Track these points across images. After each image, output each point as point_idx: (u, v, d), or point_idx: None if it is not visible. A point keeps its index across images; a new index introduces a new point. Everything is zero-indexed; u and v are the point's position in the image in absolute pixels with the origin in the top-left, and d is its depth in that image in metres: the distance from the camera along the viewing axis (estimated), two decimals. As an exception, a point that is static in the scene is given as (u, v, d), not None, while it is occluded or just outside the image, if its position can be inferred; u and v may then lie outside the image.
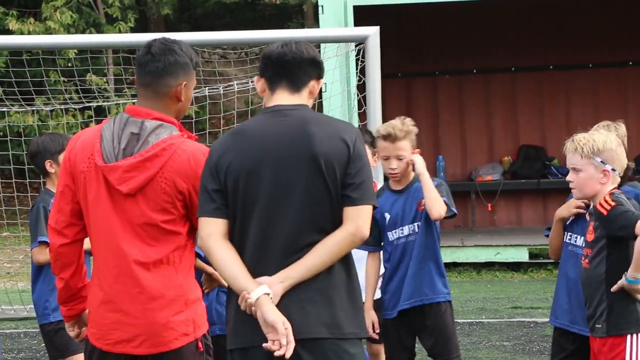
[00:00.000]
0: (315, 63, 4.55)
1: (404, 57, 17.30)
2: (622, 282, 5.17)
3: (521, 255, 15.45)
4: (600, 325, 5.28)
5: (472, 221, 17.35)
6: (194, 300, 4.81)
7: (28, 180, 13.93)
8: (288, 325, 4.12)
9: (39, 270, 6.98)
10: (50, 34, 20.94)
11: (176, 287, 4.71)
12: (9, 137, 15.55)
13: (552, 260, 14.91)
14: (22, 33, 21.28)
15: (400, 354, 6.58)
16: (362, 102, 11.63)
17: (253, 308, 4.16)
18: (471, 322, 11.50)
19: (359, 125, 11.66)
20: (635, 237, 5.08)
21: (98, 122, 18.40)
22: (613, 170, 5.37)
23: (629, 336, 5.20)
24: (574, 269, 5.97)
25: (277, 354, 4.09)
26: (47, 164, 7.00)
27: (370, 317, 6.25)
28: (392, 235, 6.53)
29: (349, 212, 4.28)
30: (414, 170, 6.66)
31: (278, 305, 4.17)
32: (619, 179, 5.46)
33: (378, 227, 6.45)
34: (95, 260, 4.87)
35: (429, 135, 17.19)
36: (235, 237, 4.40)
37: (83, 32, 22.27)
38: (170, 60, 4.73)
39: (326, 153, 4.28)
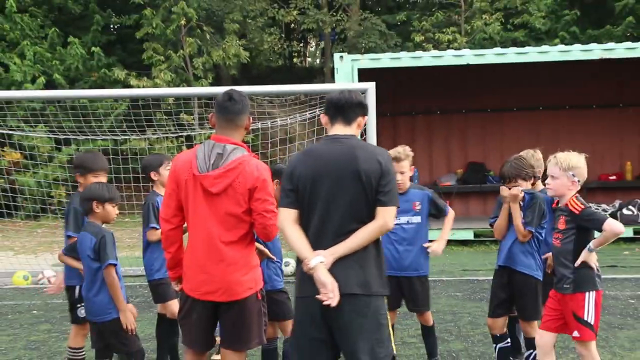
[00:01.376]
0: (361, 105, 4.65)
1: (391, 102, 17.52)
2: (585, 252, 5.26)
3: (468, 235, 15.80)
4: (568, 286, 5.33)
5: (436, 213, 17.64)
6: (254, 266, 5.03)
7: (142, 184, 13.61)
8: (335, 284, 4.24)
9: (147, 245, 6.90)
10: (157, 87, 21.29)
11: (244, 258, 4.93)
12: (129, 156, 16.01)
13: (489, 238, 15.32)
14: (138, 87, 21.49)
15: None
16: (363, 133, 12.48)
17: (311, 271, 4.30)
18: (435, 280, 11.30)
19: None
20: (600, 230, 5.20)
21: (188, 146, 18.82)
22: (578, 181, 5.46)
23: (587, 293, 5.30)
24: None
25: (325, 303, 4.21)
26: (152, 174, 7.02)
27: None
28: None
29: (380, 210, 4.40)
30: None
31: (329, 270, 4.29)
32: (579, 187, 5.49)
33: None
34: (190, 239, 4.99)
35: (408, 155, 17.45)
36: (303, 223, 4.50)
37: (178, 86, 22.39)
38: (245, 103, 5.00)
39: (366, 169, 4.38)
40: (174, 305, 6.79)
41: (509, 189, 6.27)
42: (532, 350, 6.13)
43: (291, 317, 5.98)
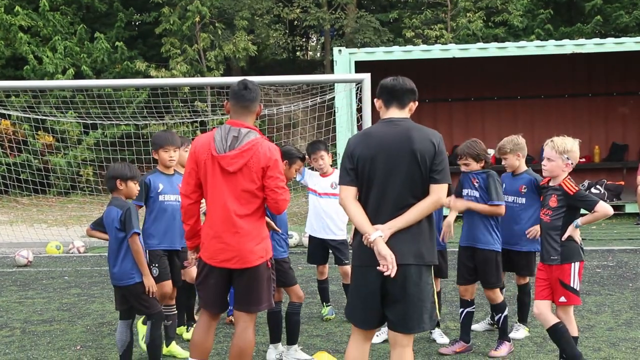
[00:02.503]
0: (413, 91, 4.52)
1: None
2: (572, 227, 5.32)
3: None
4: (556, 257, 5.38)
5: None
6: (265, 237, 5.03)
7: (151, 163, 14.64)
8: (393, 256, 4.17)
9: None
10: (174, 77, 21.20)
11: (256, 229, 4.94)
12: (149, 139, 15.03)
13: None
14: (157, 77, 21.39)
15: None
16: (359, 119, 12.51)
17: (371, 244, 4.23)
18: None
19: (358, 133, 11.98)
20: (592, 211, 5.29)
21: (202, 131, 19.14)
22: (572, 164, 5.46)
23: (572, 263, 5.37)
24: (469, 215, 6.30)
25: (386, 274, 4.17)
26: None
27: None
28: None
29: (434, 187, 4.31)
30: None
31: (387, 243, 4.22)
32: (571, 169, 5.50)
33: None
34: (209, 213, 4.98)
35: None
36: (362, 199, 4.43)
37: (193, 76, 22.42)
38: (257, 92, 4.99)
39: (421, 149, 4.29)
40: (193, 271, 6.70)
41: (460, 166, 6.38)
42: (500, 314, 6.24)
43: (294, 283, 6.16)
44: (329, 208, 7.31)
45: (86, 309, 8.34)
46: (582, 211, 5.57)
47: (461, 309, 6.42)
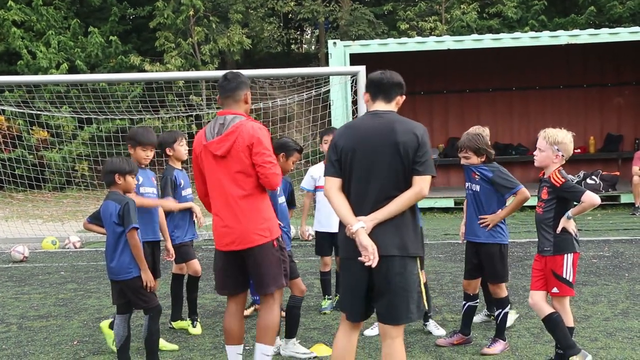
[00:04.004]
0: (400, 85, 4.54)
1: None
2: (564, 219, 5.30)
3: (449, 203, 15.75)
4: (549, 249, 5.38)
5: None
6: (268, 218, 5.12)
7: (156, 159, 14.48)
8: (375, 247, 4.19)
9: (166, 213, 6.77)
10: (169, 71, 21.10)
11: (256, 209, 5.04)
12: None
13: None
14: (152, 71, 21.28)
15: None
16: (354, 111, 12.52)
17: (354, 235, 4.25)
18: None
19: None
20: (579, 202, 5.25)
21: (197, 125, 19.26)
22: (562, 155, 5.42)
23: (565, 255, 5.36)
24: (472, 203, 6.18)
25: (367, 264, 4.18)
26: (168, 150, 6.98)
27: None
28: None
29: (416, 179, 4.31)
30: None
31: (370, 234, 4.24)
32: (564, 161, 5.47)
33: None
34: (212, 200, 5.14)
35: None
36: (346, 190, 4.43)
37: (187, 70, 22.28)
38: (238, 81, 5.14)
39: (404, 141, 4.30)
40: (196, 264, 7.05)
41: (460, 157, 6.23)
42: (501, 310, 6.13)
43: (296, 276, 6.14)
44: None
45: (83, 304, 8.32)
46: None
47: (464, 302, 6.39)
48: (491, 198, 6.11)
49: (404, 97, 4.57)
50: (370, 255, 4.17)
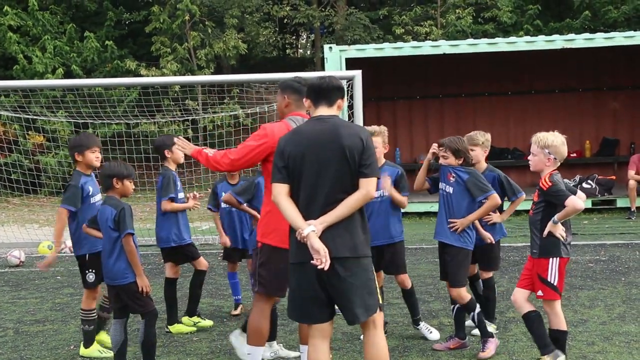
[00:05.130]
0: (340, 89, 4.65)
1: (375, 88, 17.10)
2: (550, 223, 5.29)
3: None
4: (535, 251, 5.42)
5: (416, 187, 17.53)
6: None
7: (152, 163, 14.33)
8: (326, 249, 4.23)
9: (162, 215, 7.03)
10: (164, 76, 21.01)
11: None
12: (141, 138, 16.14)
13: None
14: (147, 76, 21.37)
15: None
16: (350, 116, 12.49)
17: (304, 239, 4.28)
18: (416, 247, 11.50)
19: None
20: (564, 206, 5.22)
21: (193, 129, 19.36)
22: (555, 158, 5.43)
23: (551, 258, 5.36)
24: (443, 205, 6.21)
25: (319, 267, 4.22)
26: (166, 152, 7.08)
27: None
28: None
29: (363, 181, 4.38)
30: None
31: (319, 237, 4.27)
32: (558, 164, 5.48)
33: None
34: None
35: (391, 136, 17.03)
36: (294, 195, 4.47)
37: (183, 75, 22.32)
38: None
39: (350, 145, 4.36)
40: (203, 259, 7.30)
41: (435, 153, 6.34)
42: (472, 312, 6.15)
43: None
44: None
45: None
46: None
47: (452, 305, 6.40)
48: (462, 202, 6.14)
49: (344, 100, 4.69)
50: (322, 258, 4.20)
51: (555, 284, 5.38)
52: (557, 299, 5.45)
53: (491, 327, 6.56)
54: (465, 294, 6.14)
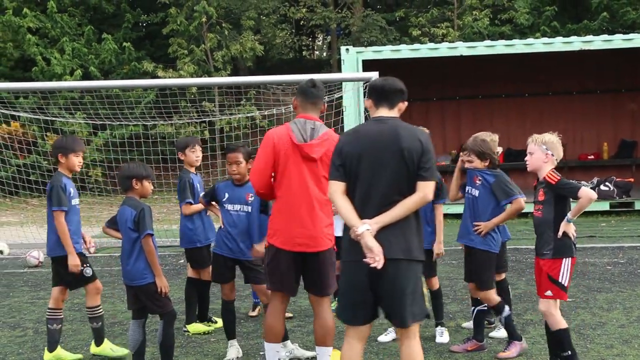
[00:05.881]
0: (402, 91, 4.61)
1: None
2: (564, 223, 5.25)
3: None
4: (548, 252, 5.34)
5: (435, 188, 17.34)
6: (331, 223, 5.30)
7: (170, 164, 14.39)
8: (380, 249, 4.22)
9: (184, 217, 7.04)
10: (181, 78, 21.24)
11: (329, 214, 5.30)
12: (158, 140, 16.18)
13: None
14: (165, 77, 21.48)
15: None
16: (367, 118, 12.48)
17: (359, 238, 4.27)
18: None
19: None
20: (576, 197, 5.18)
21: (210, 131, 19.41)
22: (552, 155, 5.43)
23: (564, 259, 5.31)
24: (468, 208, 6.25)
25: (372, 266, 4.20)
26: (179, 154, 7.17)
27: None
28: None
29: (420, 184, 4.35)
30: None
31: (375, 237, 4.26)
32: (556, 163, 5.47)
33: None
34: (290, 198, 5.17)
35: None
36: (350, 193, 4.45)
37: (200, 76, 22.44)
38: (324, 90, 5.34)
39: (408, 147, 4.34)
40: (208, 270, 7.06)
41: (463, 160, 6.32)
42: (500, 315, 6.11)
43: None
44: None
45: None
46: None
47: (472, 307, 6.39)
48: (488, 205, 6.12)
49: (406, 103, 4.63)
50: (376, 257, 4.20)
51: (566, 284, 5.36)
52: (566, 299, 5.44)
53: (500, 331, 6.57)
54: (493, 296, 6.13)
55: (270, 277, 5.31)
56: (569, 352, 5.38)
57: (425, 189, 4.36)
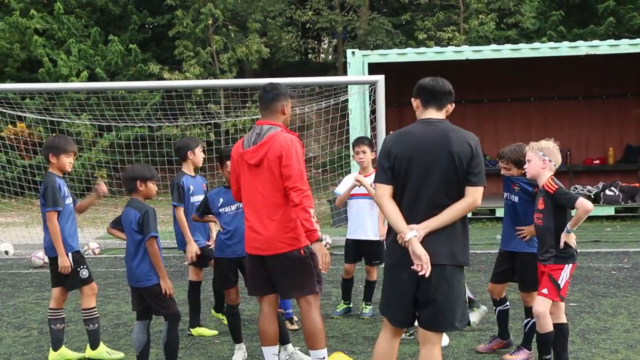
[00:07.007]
0: (450, 93, 4.52)
1: (397, 93, 16.84)
2: (564, 234, 5.28)
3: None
4: (549, 259, 5.39)
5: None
6: (295, 227, 5.15)
7: (175, 166, 14.55)
8: (427, 257, 4.16)
9: (176, 220, 6.98)
10: (187, 80, 21.21)
11: (286, 219, 5.15)
12: (163, 141, 16.03)
13: (486, 216, 15.18)
14: (170, 79, 21.45)
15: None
16: (373, 120, 12.50)
17: (406, 244, 4.22)
18: None
19: (371, 135, 11.63)
20: (573, 208, 5.22)
21: (216, 133, 19.47)
22: (550, 161, 5.46)
23: (566, 265, 5.35)
24: (509, 213, 6.13)
25: (420, 274, 4.16)
26: (189, 153, 7.10)
27: None
28: None
29: (469, 190, 4.29)
30: None
31: (421, 243, 4.21)
32: (554, 169, 5.49)
33: None
34: (244, 205, 5.30)
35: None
36: (397, 197, 4.38)
37: (206, 79, 22.39)
38: (275, 92, 5.23)
39: (458, 151, 4.27)
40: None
41: (500, 167, 6.19)
42: (529, 319, 6.07)
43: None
44: (364, 208, 7.46)
45: (102, 310, 8.30)
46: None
47: (494, 307, 6.43)
48: (528, 209, 6.01)
49: (453, 105, 4.56)
50: (424, 265, 4.16)
51: (562, 286, 5.39)
52: (559, 300, 5.46)
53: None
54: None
55: (246, 283, 5.49)
56: (550, 356, 5.52)
57: (475, 195, 4.31)
